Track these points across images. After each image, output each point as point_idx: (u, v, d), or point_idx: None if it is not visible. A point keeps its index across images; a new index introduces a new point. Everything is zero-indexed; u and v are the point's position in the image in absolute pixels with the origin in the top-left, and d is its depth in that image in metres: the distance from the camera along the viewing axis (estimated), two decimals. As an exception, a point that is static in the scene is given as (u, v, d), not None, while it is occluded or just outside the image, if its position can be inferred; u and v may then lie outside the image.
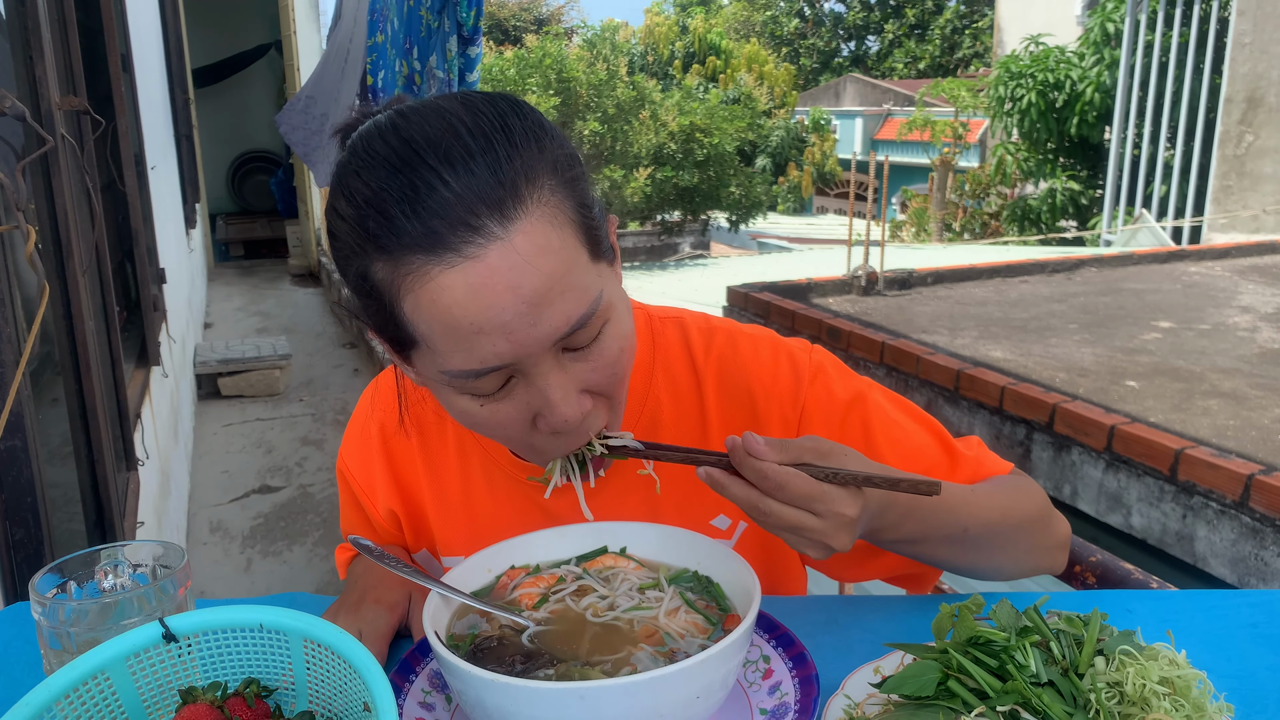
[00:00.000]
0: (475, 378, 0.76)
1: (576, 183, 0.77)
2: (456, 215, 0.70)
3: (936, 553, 0.90)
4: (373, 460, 1.05)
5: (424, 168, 0.71)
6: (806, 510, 0.74)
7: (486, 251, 0.71)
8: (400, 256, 0.72)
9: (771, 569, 1.01)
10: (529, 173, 0.73)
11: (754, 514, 0.75)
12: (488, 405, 0.79)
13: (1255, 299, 5.76)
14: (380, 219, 0.72)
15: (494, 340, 0.73)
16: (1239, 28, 8.91)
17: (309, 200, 9.72)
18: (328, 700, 0.72)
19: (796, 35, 31.35)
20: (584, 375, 0.79)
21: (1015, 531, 0.94)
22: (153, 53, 5.73)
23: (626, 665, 0.74)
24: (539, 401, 0.78)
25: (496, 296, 0.71)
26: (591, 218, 0.78)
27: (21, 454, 1.47)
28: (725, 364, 0.98)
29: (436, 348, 0.75)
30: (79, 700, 0.68)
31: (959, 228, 14.12)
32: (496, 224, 0.71)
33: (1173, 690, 0.69)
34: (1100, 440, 3.51)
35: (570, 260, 0.74)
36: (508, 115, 0.76)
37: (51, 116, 1.92)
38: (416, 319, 0.74)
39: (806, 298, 5.80)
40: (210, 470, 4.87)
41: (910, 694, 0.71)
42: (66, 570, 0.81)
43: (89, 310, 2.17)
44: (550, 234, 0.73)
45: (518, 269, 0.71)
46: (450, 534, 1.02)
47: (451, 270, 0.71)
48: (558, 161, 0.76)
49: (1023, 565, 0.98)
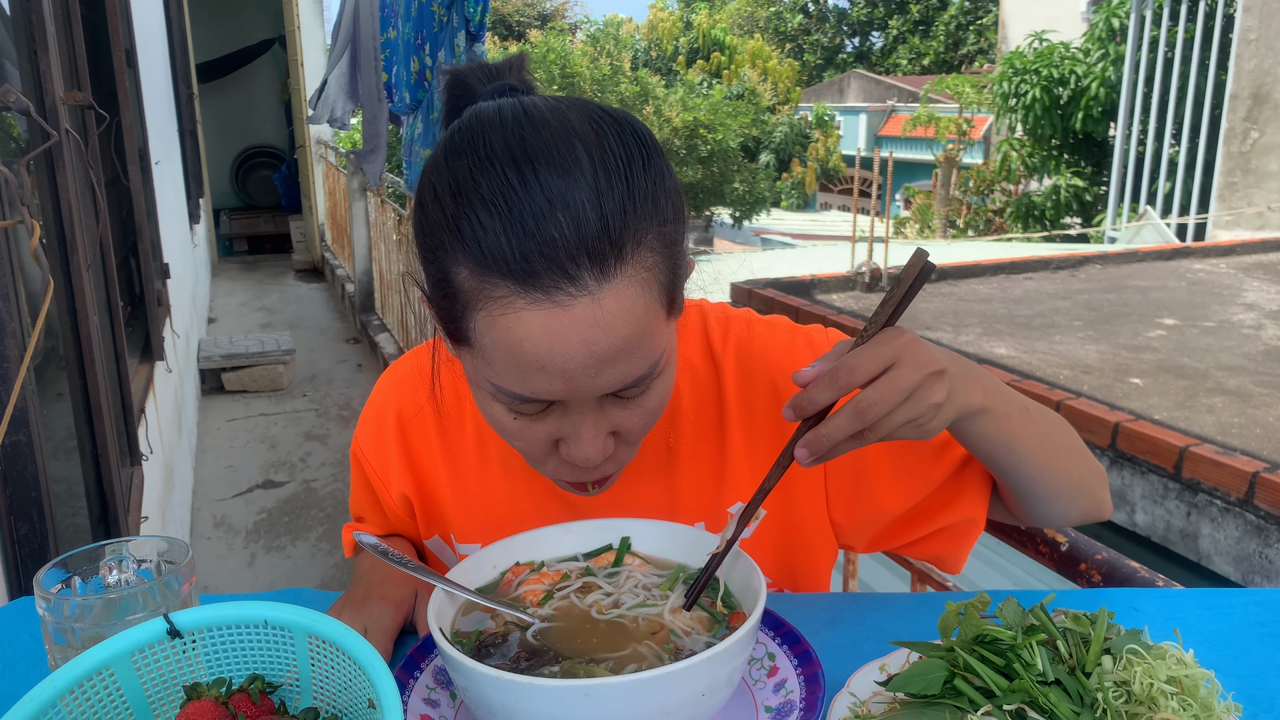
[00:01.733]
0: (521, 401, 0.77)
1: (677, 242, 0.76)
2: (557, 259, 0.68)
3: (1017, 431, 0.85)
4: (388, 445, 1.04)
5: (538, 192, 0.69)
6: (890, 371, 0.73)
7: (575, 303, 0.69)
8: (488, 275, 0.70)
9: (793, 554, 0.99)
10: (637, 231, 0.71)
11: (862, 416, 0.72)
12: (520, 420, 0.80)
13: (1260, 296, 5.75)
14: (480, 230, 0.70)
15: (552, 380, 0.73)
16: (1244, 24, 8.88)
17: (313, 195, 9.72)
18: (332, 696, 0.72)
19: (800, 31, 31.29)
20: (620, 419, 0.80)
21: (1060, 429, 0.92)
22: (157, 47, 5.73)
23: (631, 663, 0.74)
24: (568, 431, 0.79)
25: (570, 347, 0.71)
26: (678, 277, 0.77)
27: (26, 449, 1.47)
28: (743, 350, 0.98)
29: (495, 365, 0.74)
30: (83, 696, 0.68)
31: (963, 224, 14.10)
32: (593, 278, 0.69)
33: (1180, 689, 0.69)
34: (1104, 438, 3.51)
35: (649, 325, 0.74)
36: (635, 158, 0.73)
37: (56, 111, 1.92)
38: (485, 334, 0.73)
39: (810, 294, 5.79)
40: (214, 465, 4.87)
41: (916, 692, 0.71)
42: (71, 565, 0.81)
43: (93, 305, 2.17)
44: (638, 299, 0.72)
45: (598, 327, 0.70)
46: (467, 521, 1.02)
47: (535, 309, 0.70)
48: (666, 218, 0.74)
49: (1084, 477, 0.94)
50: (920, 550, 1.01)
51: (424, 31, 3.60)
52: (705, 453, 0.96)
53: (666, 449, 0.96)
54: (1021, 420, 0.86)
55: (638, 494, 0.96)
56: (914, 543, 1.01)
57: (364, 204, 7.11)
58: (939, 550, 1.01)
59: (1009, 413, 0.84)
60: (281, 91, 10.80)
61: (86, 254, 2.13)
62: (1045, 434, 0.90)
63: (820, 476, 0.97)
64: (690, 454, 0.96)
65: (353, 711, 0.70)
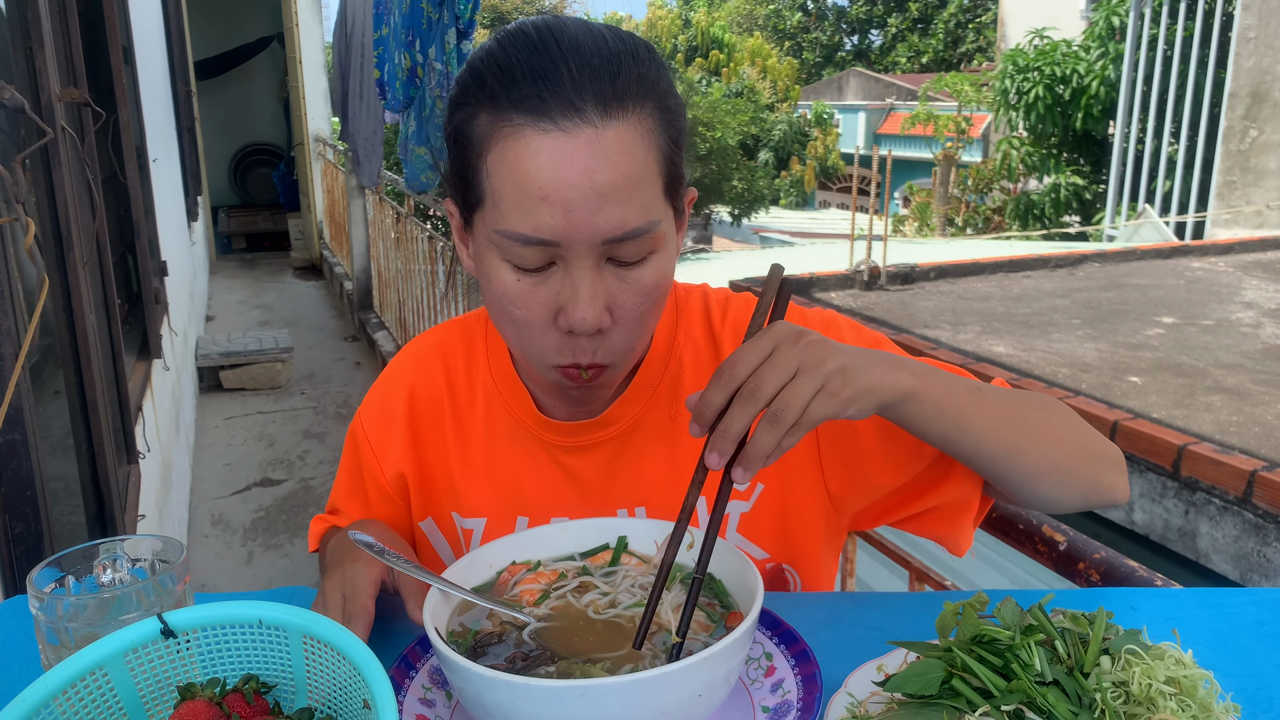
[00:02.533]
0: (524, 244, 0.81)
1: (674, 127, 0.84)
2: (565, 94, 0.78)
3: (964, 411, 0.84)
4: (394, 421, 1.05)
5: (556, 53, 0.80)
6: (770, 356, 0.74)
7: (579, 132, 0.78)
8: (503, 112, 0.80)
9: (789, 526, 1.00)
10: (640, 91, 0.81)
11: (752, 399, 0.73)
12: (524, 281, 0.83)
13: (1258, 295, 5.75)
14: (500, 78, 0.81)
15: (553, 212, 0.78)
16: (1244, 22, 8.87)
17: (311, 193, 9.71)
18: (327, 697, 0.72)
19: (799, 29, 31.28)
20: (615, 291, 0.83)
21: (1042, 408, 0.91)
22: (155, 44, 5.72)
23: (628, 662, 0.74)
24: (567, 295, 0.82)
25: (572, 173, 0.78)
26: (676, 161, 0.85)
27: (21, 447, 1.47)
28: (740, 325, 1.02)
29: (501, 206, 0.81)
30: (76, 696, 0.67)
31: (962, 223, 14.10)
32: (597, 114, 0.78)
33: (1179, 690, 0.68)
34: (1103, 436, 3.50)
35: (645, 177, 0.81)
36: (642, 47, 0.84)
37: (52, 108, 1.91)
38: (495, 172, 0.81)
39: (809, 293, 5.79)
40: (212, 463, 4.87)
41: (914, 692, 0.71)
42: (65, 565, 0.80)
43: (89, 303, 2.17)
44: (637, 145, 0.80)
45: (599, 157, 0.78)
46: (474, 495, 1.03)
47: (543, 135, 0.78)
48: (667, 101, 0.84)
49: (1075, 458, 0.92)
50: (919, 527, 1.01)
51: (414, 29, 3.59)
52: None
53: (670, 420, 0.99)
54: (970, 400, 0.85)
55: (642, 464, 0.98)
56: (911, 518, 1.00)
57: (362, 202, 7.10)
58: (938, 529, 1.00)
59: (950, 392, 0.83)
60: (280, 89, 10.78)
61: (83, 251, 2.13)
62: (1011, 415, 0.88)
63: (814, 449, 0.98)
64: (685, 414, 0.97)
65: (348, 712, 0.70)
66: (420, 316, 5.54)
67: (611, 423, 0.98)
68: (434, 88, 3.48)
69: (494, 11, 26.75)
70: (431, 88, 3.51)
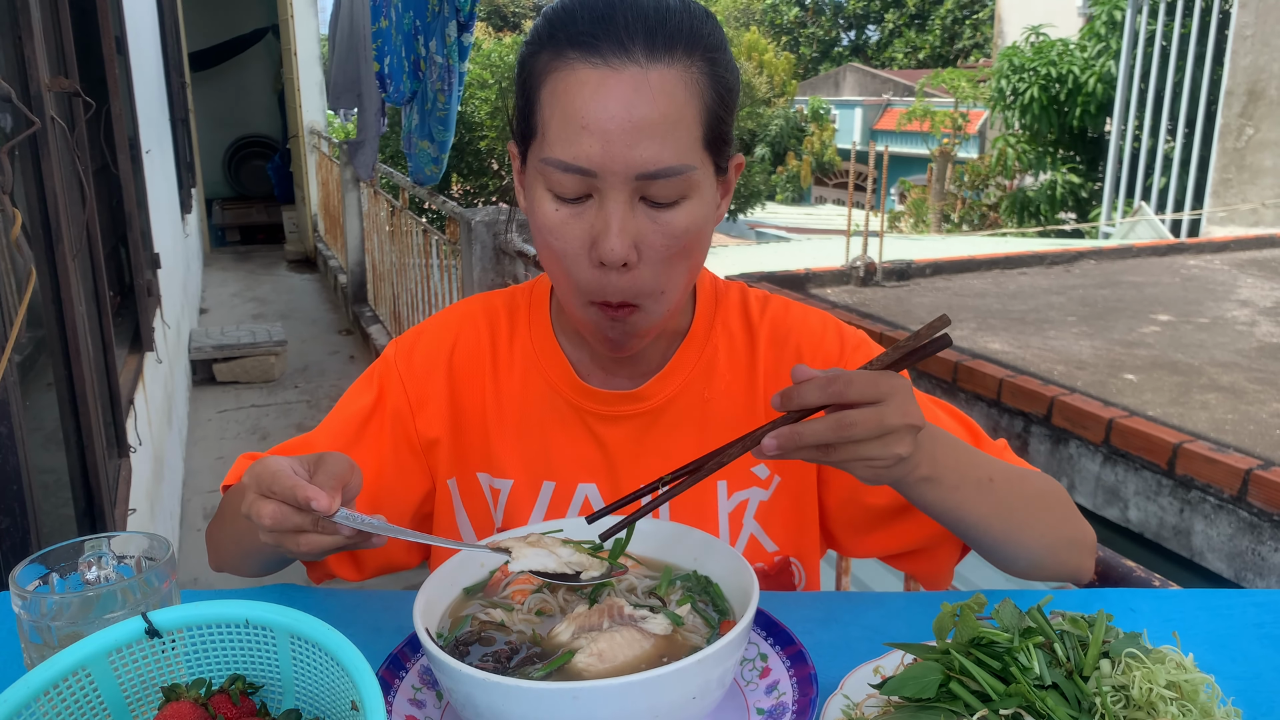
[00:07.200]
0: (563, 171, 0.85)
1: (723, 84, 0.88)
2: (618, 34, 0.84)
3: (966, 501, 0.87)
4: (435, 375, 1.05)
5: (619, 3, 0.86)
6: (880, 404, 0.75)
7: (625, 69, 0.83)
8: (561, 49, 0.86)
9: (799, 518, 1.04)
10: (691, 42, 0.86)
11: (839, 432, 0.75)
12: (562, 211, 0.87)
13: (1254, 293, 5.75)
14: (564, 20, 0.87)
15: (592, 141, 0.83)
16: (1240, 20, 8.87)
17: (306, 186, 9.67)
18: (315, 698, 0.71)
19: (796, 24, 31.23)
20: (646, 230, 0.86)
21: (1039, 500, 0.95)
22: (148, 35, 5.68)
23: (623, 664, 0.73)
24: (600, 227, 0.86)
25: (613, 106, 0.83)
26: (722, 118, 0.89)
27: (7, 440, 1.45)
28: (777, 324, 1.05)
29: (548, 136, 0.86)
30: (59, 696, 0.66)
31: (957, 219, 14.10)
32: (644, 54, 0.84)
33: (1180, 694, 0.67)
34: (1098, 433, 3.50)
35: (684, 120, 0.85)
36: (701, 11, 0.89)
37: (40, 98, 1.89)
38: (547, 103, 0.86)
39: (804, 288, 5.78)
40: (205, 457, 4.85)
41: (911, 695, 0.70)
42: (50, 562, 0.79)
43: (79, 295, 2.15)
44: (679, 92, 0.84)
45: (640, 94, 0.83)
46: (505, 456, 1.04)
47: (590, 69, 0.84)
48: (718, 59, 0.88)
49: (1052, 547, 0.96)
50: (905, 566, 1.07)
51: (419, 21, 3.57)
52: (735, 410, 1.03)
53: (702, 401, 1.02)
54: (976, 493, 0.88)
55: (671, 441, 1.02)
56: (897, 557, 1.06)
57: (357, 195, 7.07)
58: (921, 568, 1.06)
59: (960, 485, 0.87)
60: (275, 81, 10.73)
61: (72, 243, 2.11)
62: (1008, 507, 0.91)
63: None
64: (722, 410, 1.03)
65: (335, 713, 0.69)
66: (415, 310, 5.52)
67: (647, 397, 1.02)
68: (435, 81, 3.46)
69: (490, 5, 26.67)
70: (433, 81, 3.49)
